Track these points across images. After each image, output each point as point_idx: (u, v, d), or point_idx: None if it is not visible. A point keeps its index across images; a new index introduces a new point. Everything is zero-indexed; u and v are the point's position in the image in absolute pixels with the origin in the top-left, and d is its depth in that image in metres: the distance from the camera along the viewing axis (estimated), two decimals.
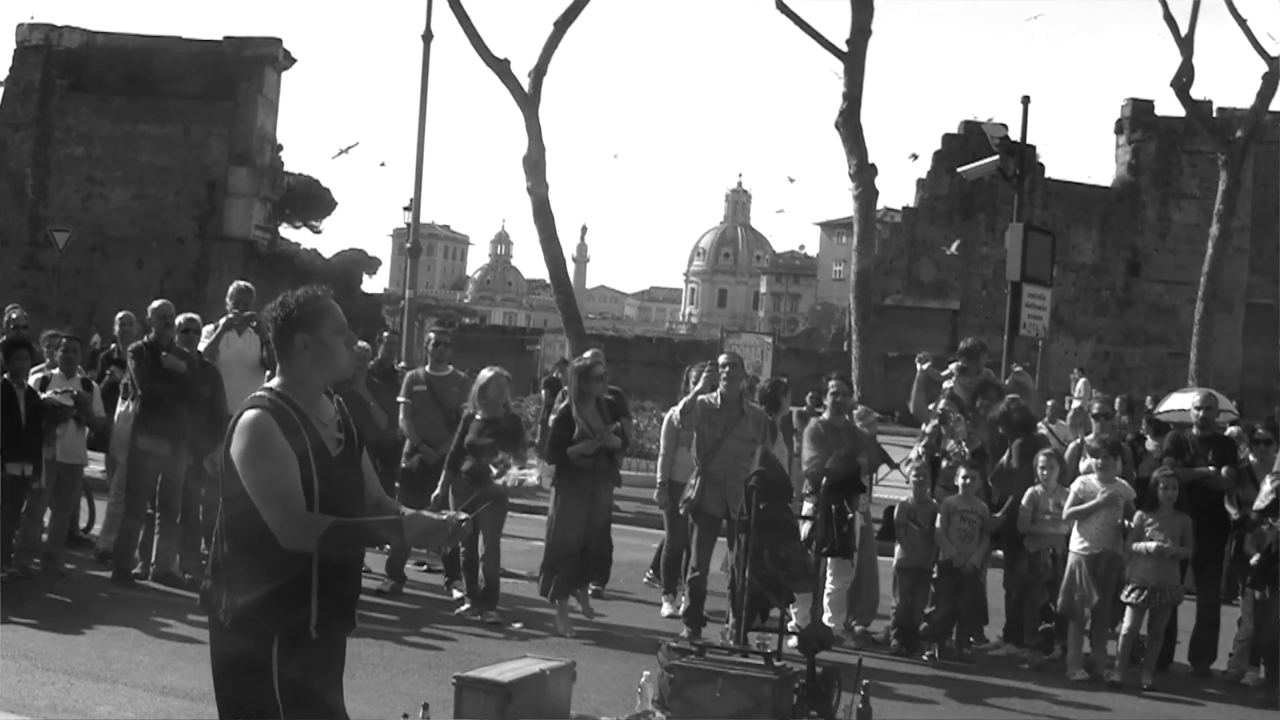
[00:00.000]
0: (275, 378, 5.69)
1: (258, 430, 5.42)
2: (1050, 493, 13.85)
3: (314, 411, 5.60)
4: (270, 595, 5.36)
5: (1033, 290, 25.73)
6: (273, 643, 5.38)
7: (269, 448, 5.38)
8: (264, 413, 5.47)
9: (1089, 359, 57.49)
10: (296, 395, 5.57)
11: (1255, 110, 38.31)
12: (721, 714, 9.81)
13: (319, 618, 5.44)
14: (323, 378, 5.70)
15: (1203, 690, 13.39)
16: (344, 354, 5.74)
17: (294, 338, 5.60)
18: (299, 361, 5.60)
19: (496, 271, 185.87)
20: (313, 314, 5.64)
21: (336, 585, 5.54)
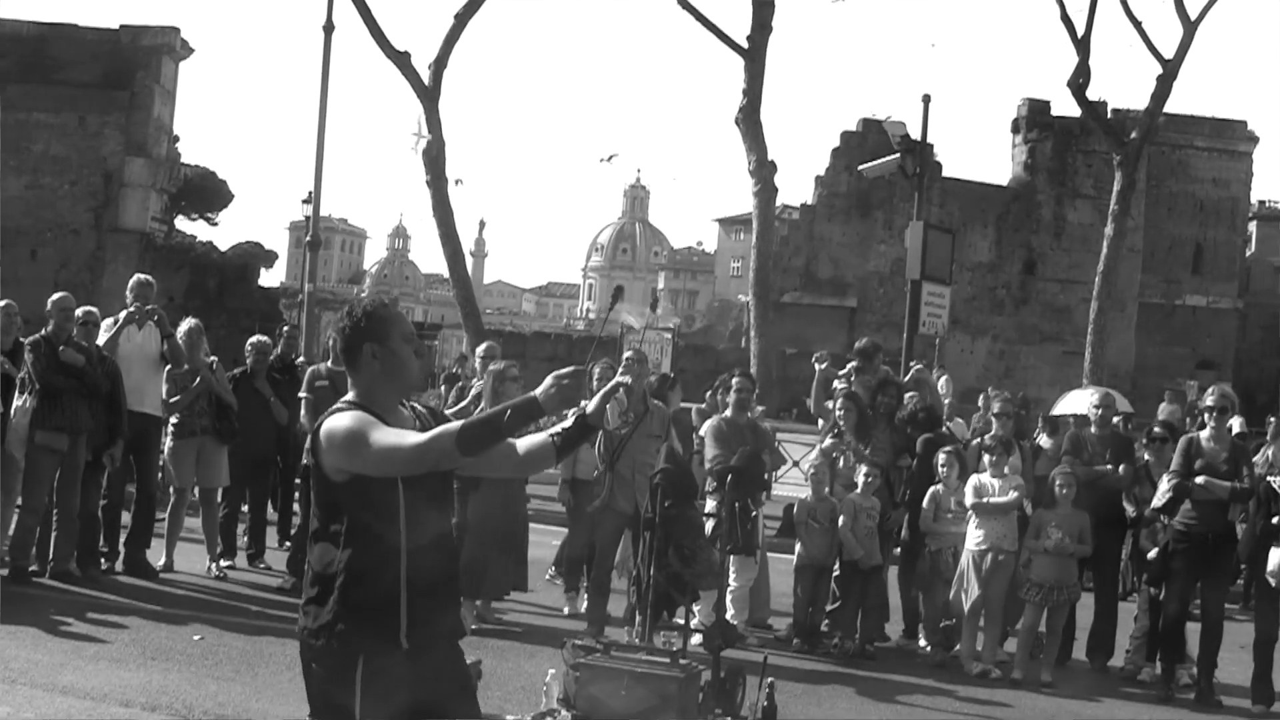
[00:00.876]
0: (349, 392, 5.57)
1: (348, 419, 5.31)
2: (951, 491, 13.95)
3: (393, 420, 5.48)
4: (359, 608, 5.27)
5: (932, 288, 25.90)
6: (358, 660, 5.27)
7: (365, 423, 5.27)
8: (349, 407, 5.39)
9: (985, 357, 58.01)
10: (370, 405, 5.46)
11: (1149, 112, 38.66)
12: (627, 712, 9.78)
13: (409, 628, 5.32)
14: (394, 388, 5.58)
15: (1100, 686, 13.52)
16: (413, 362, 5.62)
17: (362, 347, 5.50)
18: (368, 372, 5.51)
19: (394, 266, 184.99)
20: (380, 322, 5.53)
21: (427, 594, 5.40)
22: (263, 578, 15.48)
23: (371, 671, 5.27)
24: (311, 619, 5.36)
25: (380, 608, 5.29)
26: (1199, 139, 64.85)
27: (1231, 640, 13.71)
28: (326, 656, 5.31)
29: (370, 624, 5.28)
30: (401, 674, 5.31)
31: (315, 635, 5.34)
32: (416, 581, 5.35)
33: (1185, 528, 13.02)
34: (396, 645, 5.30)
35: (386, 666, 5.28)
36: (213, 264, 48.50)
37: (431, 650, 5.44)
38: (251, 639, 12.16)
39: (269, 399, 16.35)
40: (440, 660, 5.51)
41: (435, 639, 5.47)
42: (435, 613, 5.47)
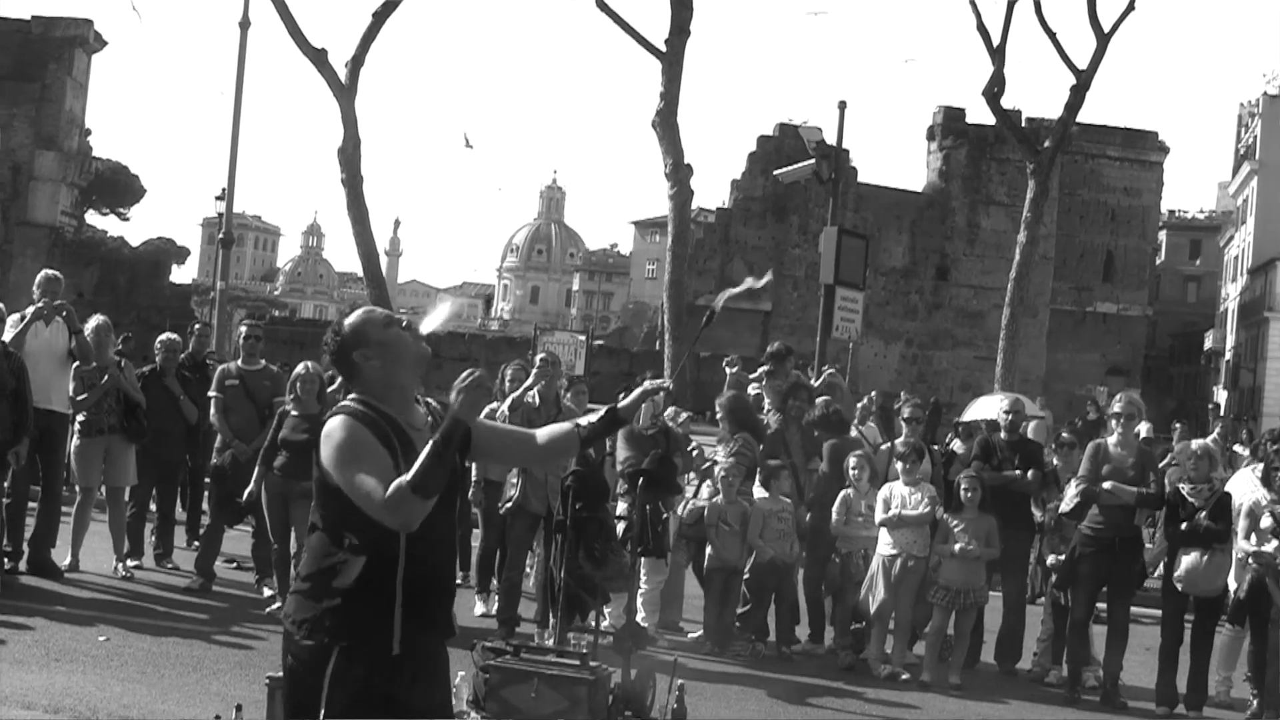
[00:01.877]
0: (352, 392, 5.56)
1: (343, 432, 5.30)
2: (862, 495, 14.00)
3: (405, 416, 5.48)
4: (353, 608, 5.24)
5: (845, 293, 25.97)
6: (331, 656, 5.23)
7: (357, 445, 5.26)
8: (347, 417, 5.36)
9: (898, 362, 58.32)
10: (384, 401, 5.45)
11: (1063, 121, 38.97)
12: (537, 714, 9.77)
13: (403, 631, 5.29)
14: (405, 372, 5.57)
15: (1008, 688, 13.63)
16: (406, 339, 5.59)
17: (351, 356, 5.51)
18: (369, 372, 5.50)
19: (308, 264, 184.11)
20: (354, 329, 5.56)
21: (424, 597, 5.38)
22: (170, 578, 15.34)
23: (345, 670, 5.23)
24: (299, 611, 5.34)
25: (375, 609, 5.26)
26: (1111, 149, 65.49)
27: (1137, 643, 13.84)
28: (305, 652, 5.29)
29: (361, 625, 5.25)
30: (381, 676, 5.27)
31: (299, 627, 5.31)
32: (415, 583, 5.33)
33: (1092, 532, 13.14)
34: (387, 649, 5.26)
35: (366, 668, 5.25)
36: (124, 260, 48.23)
37: (421, 651, 5.40)
38: (158, 640, 12.04)
39: (178, 397, 16.20)
40: (426, 660, 5.47)
41: (427, 640, 5.45)
42: (431, 615, 5.45)
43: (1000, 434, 15.05)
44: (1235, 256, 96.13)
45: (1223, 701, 13.54)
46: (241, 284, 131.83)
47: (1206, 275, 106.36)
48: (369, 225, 36.19)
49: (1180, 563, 13.12)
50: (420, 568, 5.33)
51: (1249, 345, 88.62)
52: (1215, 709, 13.27)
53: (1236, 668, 13.90)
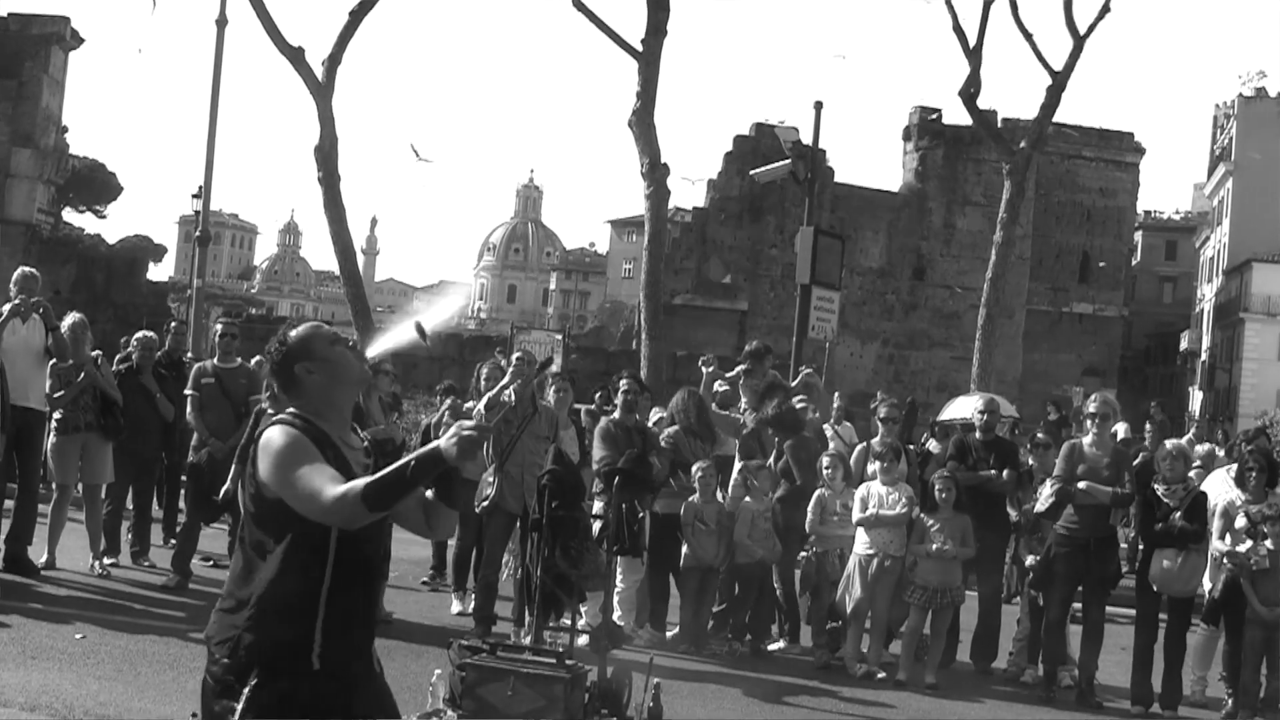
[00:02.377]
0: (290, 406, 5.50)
1: (281, 438, 5.25)
2: (837, 494, 14.04)
3: (340, 434, 5.45)
4: (271, 625, 5.19)
5: (821, 293, 26.02)
6: (250, 676, 5.16)
7: (295, 451, 5.20)
8: (284, 425, 5.31)
9: (874, 362, 58.37)
10: (320, 418, 5.41)
11: (1039, 121, 39.09)
12: (514, 713, 9.78)
13: (323, 648, 5.23)
14: (344, 391, 5.56)
15: (984, 688, 13.68)
16: (350, 358, 5.56)
17: (294, 369, 5.47)
18: (310, 386, 5.46)
19: (285, 262, 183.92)
20: (299, 342, 5.51)
21: (348, 612, 5.32)
22: (147, 575, 15.33)
23: (262, 691, 5.15)
24: (220, 630, 5.28)
25: (294, 626, 5.20)
26: (1087, 149, 65.61)
27: (1112, 643, 13.91)
28: (223, 671, 5.22)
29: (280, 643, 5.19)
30: (300, 698, 5.19)
31: (220, 647, 5.25)
32: (338, 601, 5.26)
33: (1067, 532, 13.19)
34: (306, 665, 5.20)
35: (283, 689, 5.18)
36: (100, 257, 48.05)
37: (346, 672, 5.34)
38: (134, 638, 12.04)
39: (155, 395, 16.18)
40: (356, 681, 5.41)
41: (350, 665, 5.37)
42: (354, 634, 5.39)
43: (975, 434, 15.09)
44: (1211, 258, 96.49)
45: (1198, 701, 13.60)
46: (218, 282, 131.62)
47: (1182, 276, 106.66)
48: (346, 223, 36.15)
49: (1155, 563, 13.19)
50: (345, 591, 5.27)
51: (1224, 346, 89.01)
52: (1190, 708, 13.32)
53: (1211, 667, 13.95)
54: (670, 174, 34.34)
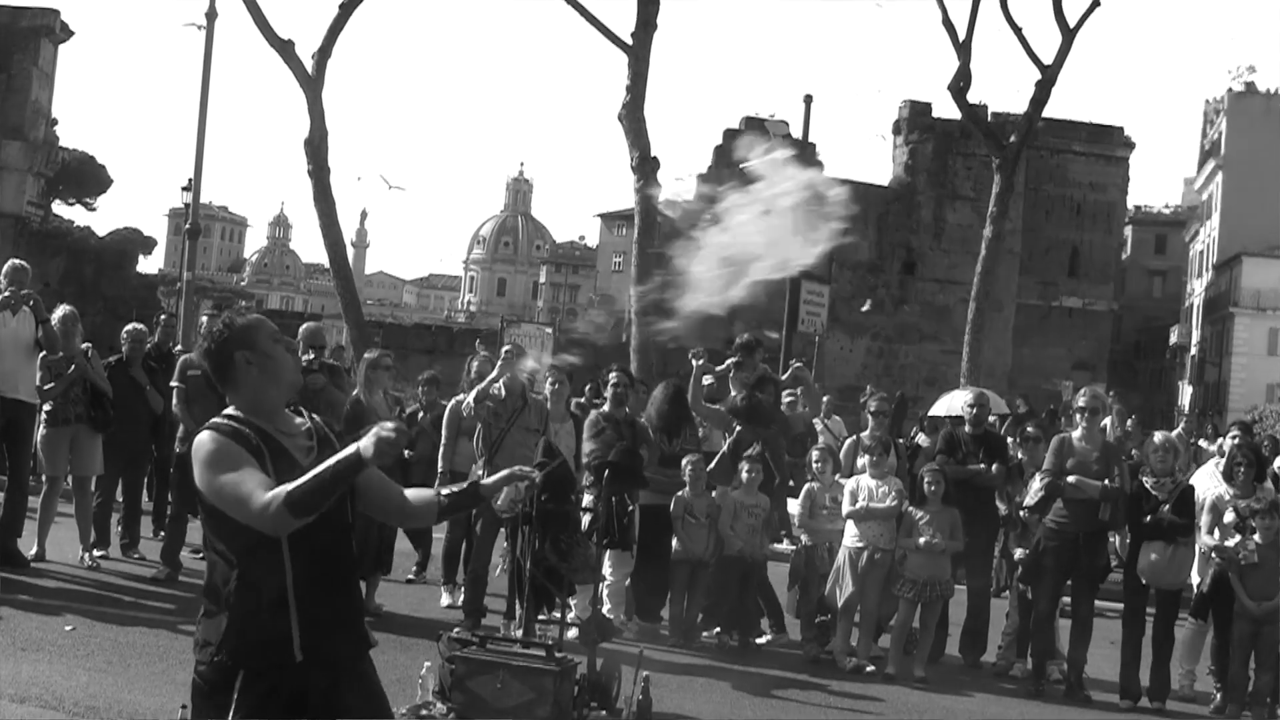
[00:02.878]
0: (228, 409, 5.47)
1: (209, 444, 5.23)
2: (826, 488, 14.05)
3: (275, 425, 5.41)
4: (248, 626, 5.21)
5: (811, 287, 26.05)
6: (238, 676, 5.18)
7: (221, 457, 5.18)
8: (213, 432, 5.28)
9: (863, 355, 58.41)
10: (254, 415, 5.38)
11: (1028, 116, 39.14)
12: (503, 705, 9.81)
13: (303, 637, 5.23)
14: (276, 391, 5.49)
15: (973, 681, 13.69)
16: (289, 360, 5.55)
17: (233, 356, 5.41)
18: (246, 379, 5.42)
19: (274, 255, 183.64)
20: (244, 329, 5.47)
21: (321, 601, 5.31)
22: (137, 568, 15.33)
23: (251, 689, 5.18)
24: (204, 632, 5.30)
25: (270, 622, 5.21)
26: (1077, 144, 65.74)
27: (1101, 637, 13.93)
28: (211, 672, 5.24)
29: (259, 642, 5.20)
30: (289, 691, 5.22)
31: (204, 649, 5.27)
32: (308, 593, 5.26)
33: (1056, 526, 13.21)
34: (289, 658, 5.21)
35: (271, 684, 5.20)
36: (90, 250, 47.98)
37: (332, 660, 5.35)
38: (124, 629, 12.04)
39: (144, 387, 16.16)
40: (347, 675, 5.42)
41: (336, 651, 5.38)
42: (334, 622, 5.38)
43: (965, 428, 15.10)
44: (1200, 252, 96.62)
45: (1186, 695, 13.62)
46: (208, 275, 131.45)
47: (1172, 270, 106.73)
48: (336, 216, 36.19)
49: (1143, 556, 13.22)
50: (311, 576, 5.28)
51: (1214, 340, 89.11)
52: (1179, 702, 13.35)
53: (1200, 661, 13.98)
54: (660, 168, 34.35)
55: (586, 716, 10.01)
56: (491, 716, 9.76)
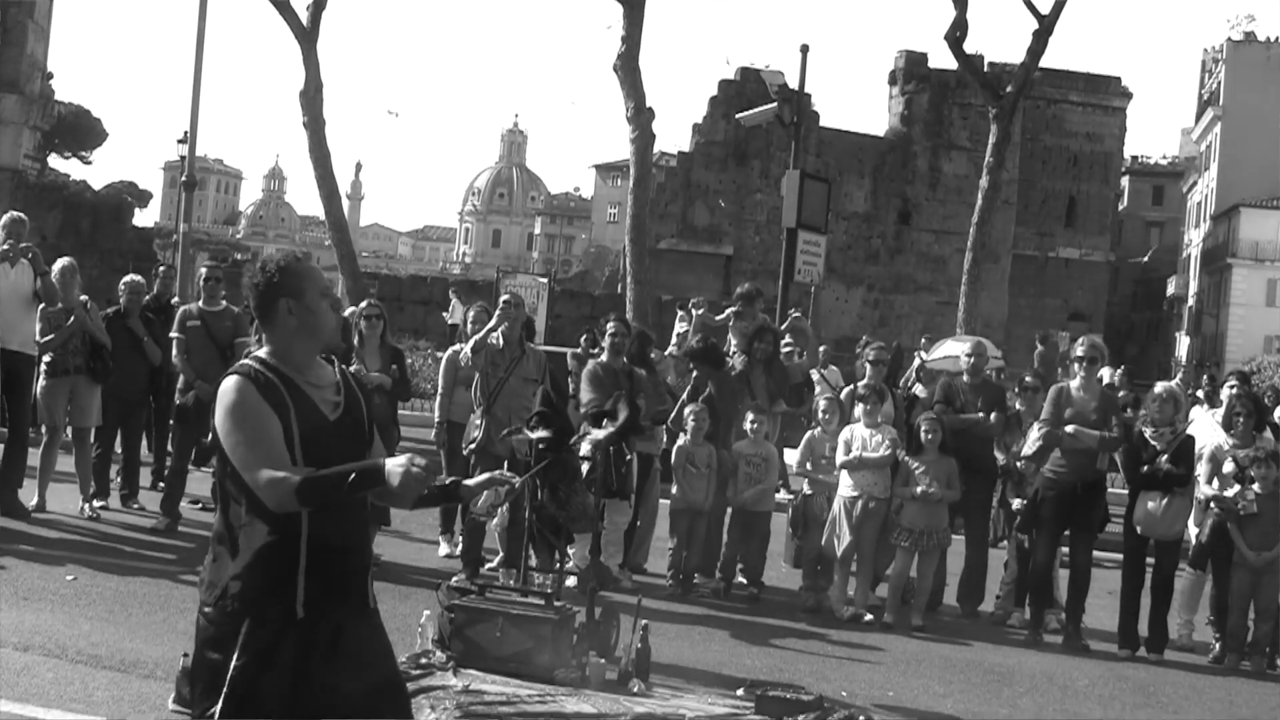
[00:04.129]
0: (263, 348, 5.49)
1: (233, 395, 5.24)
2: (830, 437, 14.04)
3: (306, 376, 5.43)
4: (255, 571, 5.21)
5: (808, 237, 26.01)
6: (243, 625, 5.19)
7: (244, 411, 5.20)
8: (241, 378, 5.29)
9: (859, 306, 58.44)
10: (283, 362, 5.40)
11: (1025, 66, 39.00)
12: (502, 653, 9.84)
13: (307, 595, 5.25)
14: (311, 344, 5.50)
15: (971, 631, 13.73)
16: (329, 316, 5.55)
17: (277, 302, 5.42)
18: (283, 327, 5.43)
19: (270, 207, 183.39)
20: (295, 277, 5.47)
21: (330, 562, 5.33)
22: (137, 518, 15.36)
23: (257, 634, 5.18)
24: (210, 574, 5.31)
25: (277, 574, 5.22)
26: (1074, 94, 65.71)
27: (1100, 587, 13.98)
28: (217, 614, 5.24)
29: (265, 590, 5.21)
30: (292, 644, 5.22)
31: (209, 592, 5.28)
32: (319, 542, 5.28)
33: (1054, 476, 13.22)
34: (291, 614, 5.22)
35: (277, 630, 5.21)
36: (86, 203, 47.91)
37: (334, 614, 5.35)
38: (125, 579, 12.08)
39: (142, 339, 16.17)
40: (350, 639, 5.41)
41: (340, 608, 5.38)
42: (340, 582, 5.39)
43: (963, 377, 15.09)
44: (1198, 202, 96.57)
45: (1184, 645, 13.65)
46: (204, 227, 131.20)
47: (1169, 221, 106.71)
48: (331, 168, 36.16)
49: (1140, 505, 13.25)
50: (324, 532, 5.29)
51: (1211, 291, 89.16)
52: (1177, 651, 13.38)
53: (1198, 611, 14.02)
54: (655, 118, 34.31)
55: (585, 664, 10.02)
56: (490, 664, 9.79)
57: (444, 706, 8.82)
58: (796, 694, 9.62)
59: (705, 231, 57.95)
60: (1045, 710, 10.61)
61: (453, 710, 8.73)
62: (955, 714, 10.04)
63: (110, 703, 8.46)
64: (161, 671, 9.09)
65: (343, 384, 5.56)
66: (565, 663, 10.00)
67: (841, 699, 10.08)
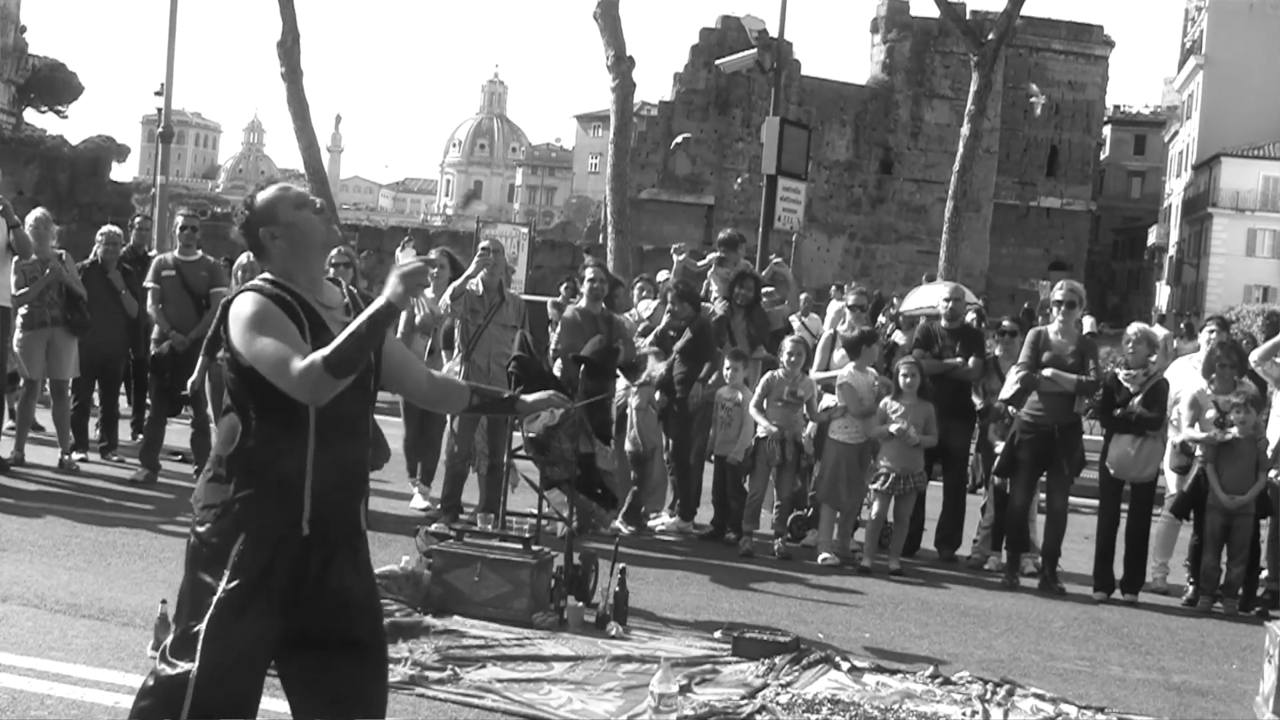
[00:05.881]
0: (262, 273, 5.43)
1: (250, 305, 5.19)
2: (789, 380, 13.95)
3: (315, 295, 5.39)
4: (261, 488, 5.16)
5: (787, 184, 25.99)
6: (239, 537, 5.14)
7: (263, 318, 5.15)
8: (255, 292, 5.25)
9: (841, 255, 58.44)
10: (290, 280, 5.36)
11: (1007, 14, 38.95)
12: (481, 597, 9.88)
13: (313, 512, 5.20)
14: (308, 256, 5.45)
15: (948, 574, 13.79)
16: (315, 221, 5.46)
17: (258, 235, 5.40)
18: (277, 252, 5.40)
19: (249, 160, 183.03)
20: (264, 205, 5.44)
21: (335, 477, 5.27)
22: (115, 470, 15.37)
23: (249, 555, 5.12)
24: (208, 495, 5.24)
25: (283, 490, 5.18)
26: (1056, 42, 65.77)
27: (1077, 532, 14.05)
28: (210, 534, 5.18)
29: (269, 508, 5.16)
30: (288, 560, 5.17)
31: (208, 511, 5.21)
32: (325, 462, 5.24)
33: (1032, 419, 13.24)
34: (297, 531, 5.17)
35: (269, 554, 5.14)
36: (63, 158, 47.77)
37: (332, 534, 5.30)
38: (104, 530, 12.09)
39: (120, 291, 16.14)
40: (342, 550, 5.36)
41: (337, 530, 5.33)
42: (342, 504, 5.36)
43: (940, 322, 15.12)
44: (1180, 152, 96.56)
45: (1159, 587, 13.73)
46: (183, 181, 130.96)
47: (1150, 171, 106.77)
48: (309, 121, 36.07)
49: (1114, 447, 13.31)
50: (330, 451, 5.25)
51: (1192, 241, 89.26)
52: (1152, 594, 13.45)
53: (1173, 554, 14.09)
54: (635, 67, 34.26)
55: (563, 608, 10.07)
56: (469, 609, 9.83)
57: (422, 649, 8.86)
58: (773, 636, 9.67)
59: (686, 181, 57.94)
60: (1020, 651, 10.66)
61: (431, 653, 8.77)
62: (931, 654, 10.08)
63: (89, 650, 8.47)
64: (140, 620, 9.10)
65: (352, 306, 5.54)
66: (544, 607, 10.06)
67: (818, 641, 10.13)
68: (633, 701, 8.10)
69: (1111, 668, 10.43)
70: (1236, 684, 10.18)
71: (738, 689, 8.57)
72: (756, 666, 9.08)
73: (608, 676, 8.70)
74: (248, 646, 5.16)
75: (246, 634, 5.14)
